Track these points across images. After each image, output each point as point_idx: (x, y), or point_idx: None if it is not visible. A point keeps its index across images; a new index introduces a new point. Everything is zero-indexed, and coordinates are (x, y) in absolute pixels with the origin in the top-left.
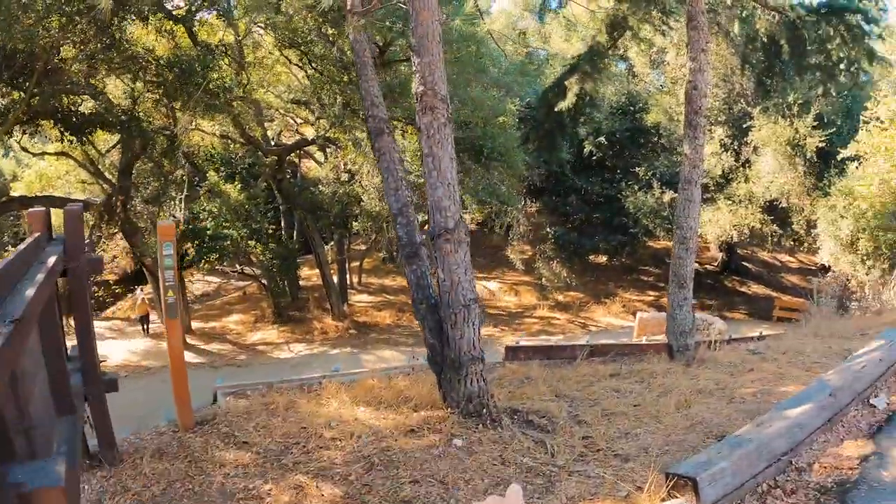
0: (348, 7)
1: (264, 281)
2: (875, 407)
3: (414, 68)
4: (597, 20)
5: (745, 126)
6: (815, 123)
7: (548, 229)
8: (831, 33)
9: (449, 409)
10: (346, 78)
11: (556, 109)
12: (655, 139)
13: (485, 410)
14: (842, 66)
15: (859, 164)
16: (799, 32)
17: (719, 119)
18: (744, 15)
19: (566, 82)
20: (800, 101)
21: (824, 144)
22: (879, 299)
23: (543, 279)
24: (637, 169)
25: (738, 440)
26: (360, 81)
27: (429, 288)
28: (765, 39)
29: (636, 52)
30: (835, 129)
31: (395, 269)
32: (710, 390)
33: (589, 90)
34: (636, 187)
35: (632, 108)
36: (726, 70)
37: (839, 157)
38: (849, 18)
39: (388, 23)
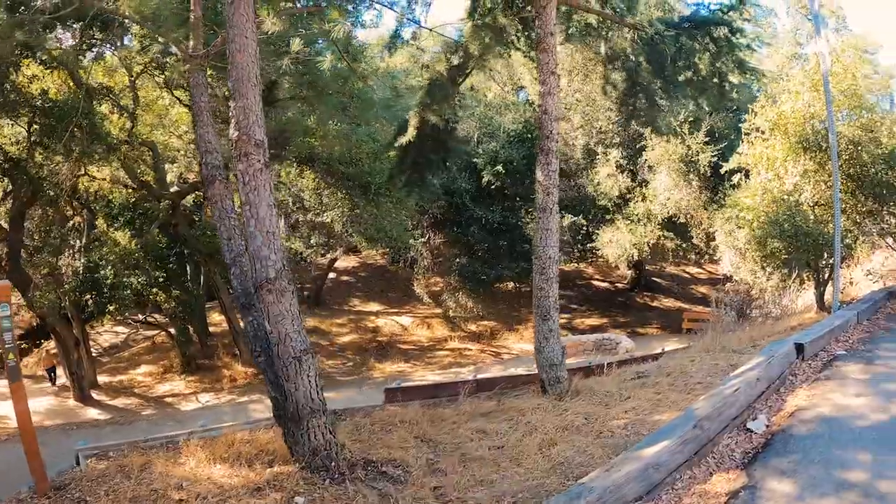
0: (189, 51)
1: (171, 330)
2: (752, 432)
3: (231, 112)
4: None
5: (639, 146)
6: (706, 139)
7: (454, 260)
8: (697, 47)
9: (297, 465)
10: None
11: (397, 144)
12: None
13: (332, 464)
14: (715, 80)
15: (745, 175)
16: (661, 48)
17: (614, 141)
18: (605, 34)
19: (408, 116)
20: (691, 119)
21: (717, 159)
22: (780, 305)
23: (450, 312)
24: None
25: (579, 490)
26: (195, 127)
27: (267, 339)
28: (628, 58)
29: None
30: (726, 143)
31: (307, 309)
32: (577, 426)
33: (436, 121)
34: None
35: (529, 136)
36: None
37: (722, 171)
38: (714, 31)
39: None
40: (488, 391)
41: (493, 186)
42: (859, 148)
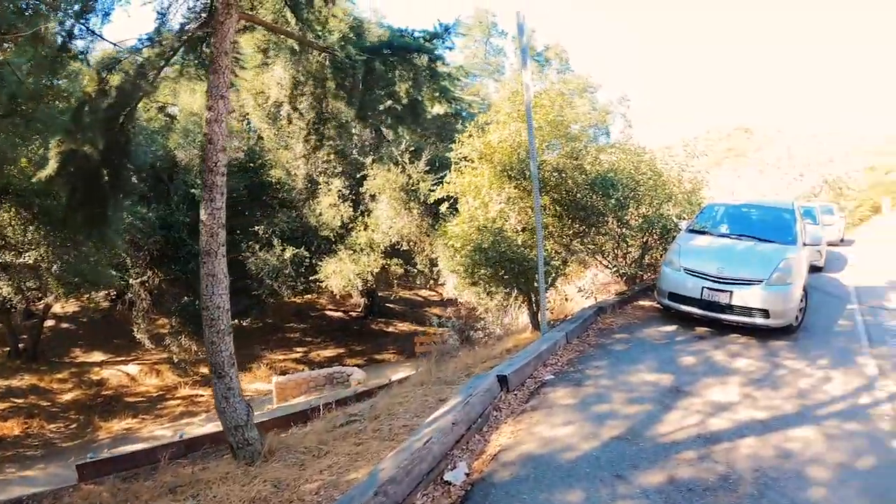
0: None
1: None
2: (451, 484)
3: None
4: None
5: (360, 175)
6: (427, 168)
7: (175, 301)
8: (398, 74)
9: None
10: None
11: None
12: (276, 195)
13: None
14: (417, 108)
15: (453, 204)
16: (353, 72)
17: (336, 171)
18: (300, 57)
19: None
20: (412, 148)
21: (437, 187)
22: (502, 324)
23: (175, 356)
24: (257, 227)
25: None
26: None
27: None
28: (319, 83)
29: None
30: (447, 172)
31: (23, 364)
32: (265, 497)
33: (90, 152)
34: (257, 246)
35: (251, 165)
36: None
37: (431, 200)
38: (415, 59)
39: None
40: (199, 450)
41: None
42: (564, 175)
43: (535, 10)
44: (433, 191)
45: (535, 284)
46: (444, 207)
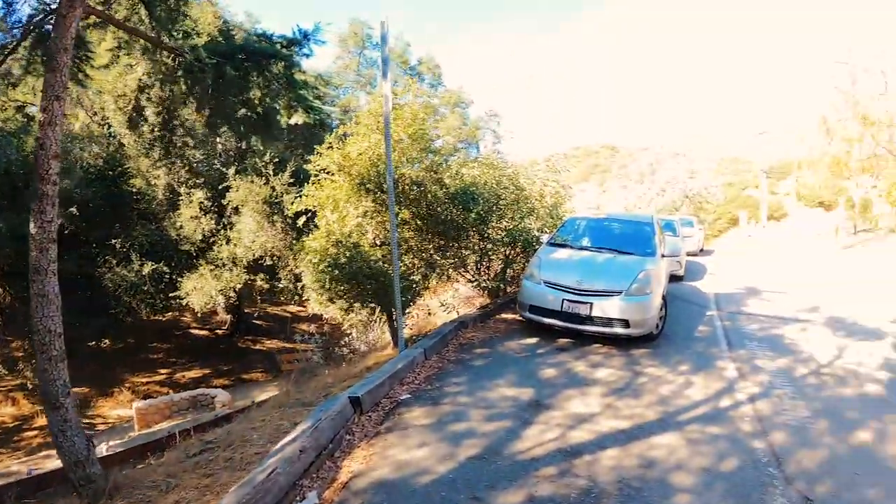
0: None
1: None
2: None
3: None
4: None
5: (222, 187)
6: (291, 180)
7: (29, 320)
8: (251, 81)
9: None
10: None
11: None
12: (136, 206)
13: None
14: (272, 118)
15: (311, 217)
16: (203, 77)
17: (198, 182)
18: (150, 57)
19: None
20: (276, 160)
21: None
22: (366, 341)
23: (30, 382)
24: (115, 241)
25: None
26: None
27: None
28: (165, 86)
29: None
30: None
31: None
32: None
33: None
34: (114, 261)
35: (111, 173)
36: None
37: (289, 213)
38: (271, 65)
39: None
40: (49, 488)
41: (66, 231)
42: (424, 189)
43: (412, 25)
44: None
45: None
46: (301, 221)
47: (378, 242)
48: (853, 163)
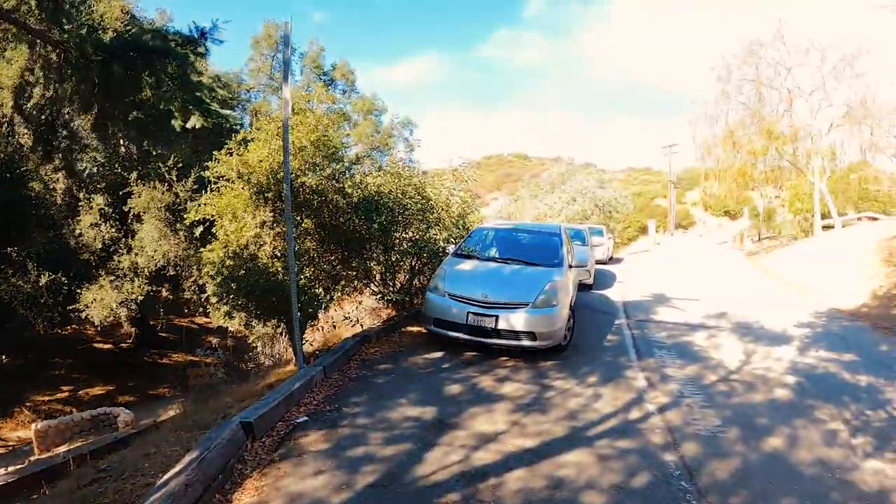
0: None
1: None
2: None
3: None
4: None
5: (123, 192)
6: (196, 187)
7: None
8: (143, 81)
9: None
10: None
11: None
12: (33, 212)
13: None
14: (164, 120)
15: (208, 227)
16: (89, 74)
17: (99, 186)
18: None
19: None
20: (180, 165)
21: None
22: (271, 355)
23: None
24: (10, 249)
25: None
26: None
27: None
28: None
29: None
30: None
31: None
32: None
33: None
34: (10, 271)
35: (8, 175)
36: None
37: (186, 222)
38: (163, 63)
39: None
40: None
41: None
42: (324, 198)
43: (327, 30)
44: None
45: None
46: (198, 231)
47: (278, 254)
48: (758, 174)
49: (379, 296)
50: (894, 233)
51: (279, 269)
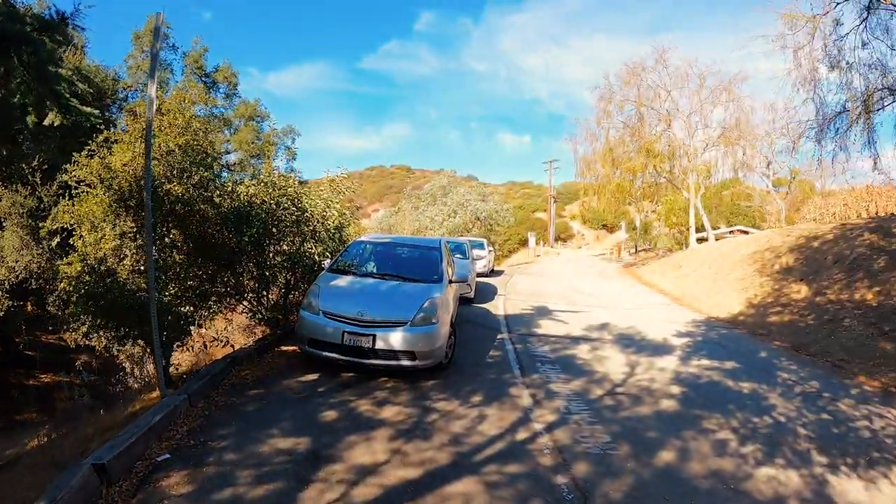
0: None
1: None
2: None
3: None
4: None
5: None
6: (61, 191)
7: None
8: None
9: None
10: None
11: None
12: None
13: None
14: (8, 115)
15: (65, 237)
16: None
17: None
18: None
19: None
20: (45, 167)
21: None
22: (140, 377)
23: None
24: None
25: None
26: None
27: None
28: None
29: None
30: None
31: None
32: None
33: None
34: None
35: None
36: None
37: (42, 231)
38: (17, 51)
39: None
40: None
41: None
42: (190, 208)
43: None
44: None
45: (162, 335)
46: (55, 242)
47: (142, 268)
48: (636, 190)
49: (251, 314)
50: (766, 245)
51: (142, 284)
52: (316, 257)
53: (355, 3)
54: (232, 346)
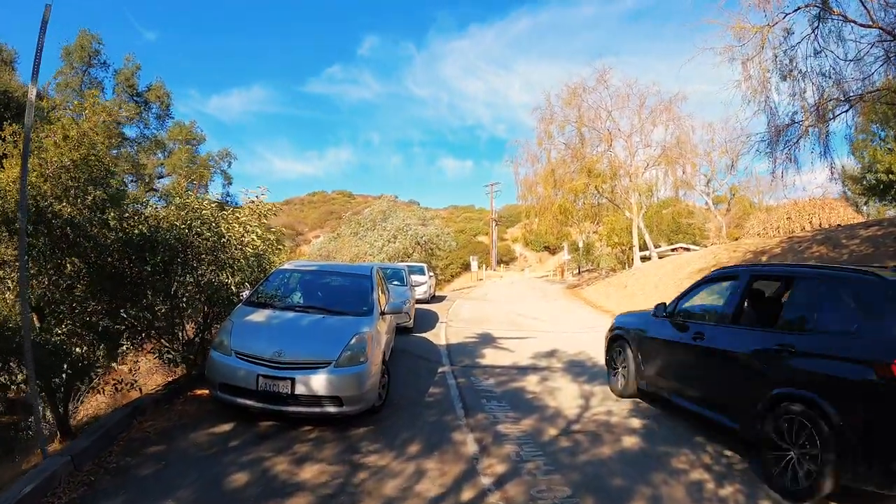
0: None
1: None
2: None
3: None
4: None
5: None
6: None
7: None
8: None
9: None
10: None
11: None
12: None
13: None
14: None
15: None
16: None
17: None
18: None
19: None
20: None
21: None
22: (52, 421)
23: None
24: None
25: None
26: None
27: None
28: None
29: None
30: None
31: None
32: None
33: None
34: None
35: None
36: None
37: None
38: None
39: None
40: None
41: None
42: (81, 232)
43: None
44: None
45: (54, 381)
46: None
47: (31, 304)
48: (578, 210)
49: (156, 354)
50: (713, 261)
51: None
52: (233, 288)
53: (300, 26)
54: (139, 389)
